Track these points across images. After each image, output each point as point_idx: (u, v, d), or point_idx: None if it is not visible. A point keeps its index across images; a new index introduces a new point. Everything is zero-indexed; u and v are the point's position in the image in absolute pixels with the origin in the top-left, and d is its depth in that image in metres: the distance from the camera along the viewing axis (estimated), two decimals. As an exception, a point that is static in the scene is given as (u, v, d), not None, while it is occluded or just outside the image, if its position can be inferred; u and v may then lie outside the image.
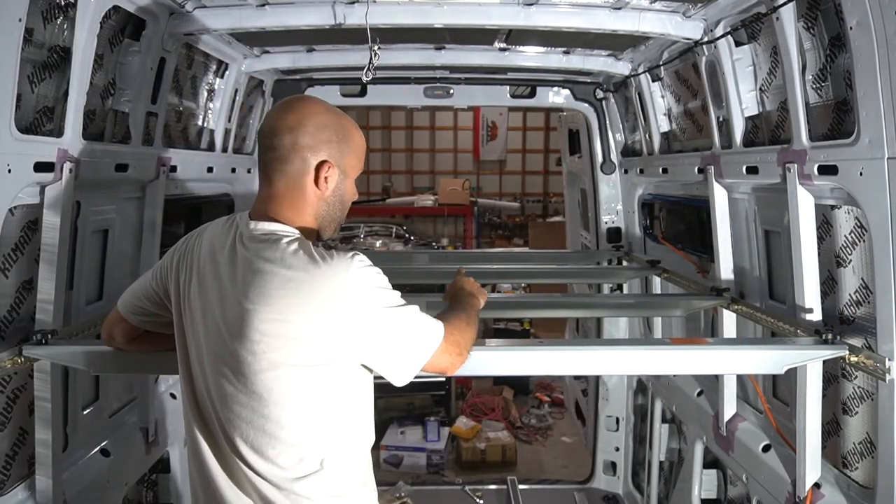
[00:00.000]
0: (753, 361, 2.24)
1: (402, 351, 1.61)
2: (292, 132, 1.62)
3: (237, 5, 2.70)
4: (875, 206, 1.89)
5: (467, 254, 8.85)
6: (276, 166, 1.64)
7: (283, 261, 1.54)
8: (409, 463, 6.67)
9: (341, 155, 1.68)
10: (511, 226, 16.12)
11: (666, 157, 3.59)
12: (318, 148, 1.64)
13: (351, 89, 4.32)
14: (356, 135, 1.73)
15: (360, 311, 1.53)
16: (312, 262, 1.53)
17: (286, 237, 1.60)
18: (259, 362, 1.52)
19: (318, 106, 1.70)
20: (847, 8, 1.88)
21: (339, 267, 1.53)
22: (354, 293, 1.52)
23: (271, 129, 1.65)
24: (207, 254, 1.66)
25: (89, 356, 2.14)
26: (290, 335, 1.51)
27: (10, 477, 2.18)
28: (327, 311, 1.50)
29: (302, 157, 1.63)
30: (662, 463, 3.94)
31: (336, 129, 1.67)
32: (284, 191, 1.65)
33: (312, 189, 1.66)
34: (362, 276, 1.54)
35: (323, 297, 1.50)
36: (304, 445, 1.56)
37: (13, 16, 1.81)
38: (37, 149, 2.03)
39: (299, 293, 1.51)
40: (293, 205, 1.65)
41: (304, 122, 1.63)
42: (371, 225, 12.98)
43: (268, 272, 1.53)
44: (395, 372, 1.61)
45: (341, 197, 1.72)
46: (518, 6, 2.72)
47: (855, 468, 2.22)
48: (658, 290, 3.81)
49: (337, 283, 1.51)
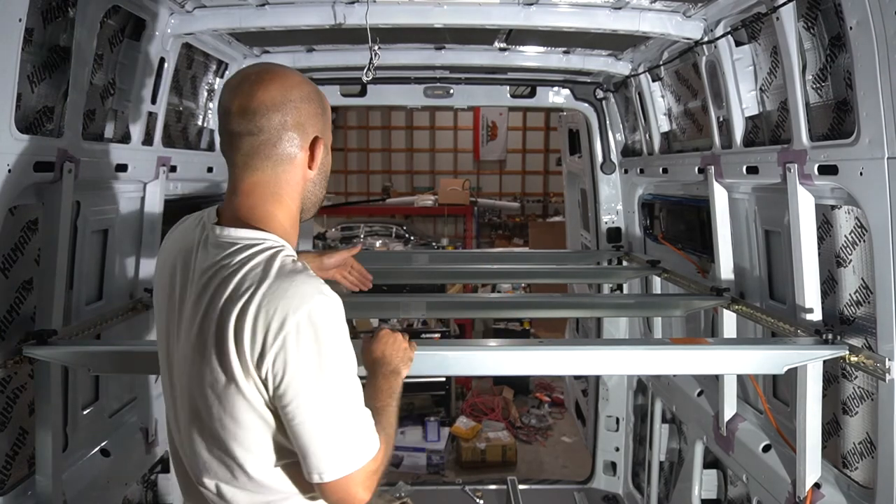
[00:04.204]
0: (753, 361, 2.24)
1: (312, 438, 1.33)
2: (279, 109, 1.41)
3: (237, 5, 2.70)
4: (875, 206, 1.89)
5: (467, 254, 8.84)
6: (263, 151, 1.43)
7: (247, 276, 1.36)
8: (409, 463, 6.67)
9: (325, 126, 1.52)
10: (511, 226, 16.14)
11: (666, 157, 3.59)
12: (308, 124, 1.46)
13: (351, 89, 4.32)
14: (327, 101, 1.54)
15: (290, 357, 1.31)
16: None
17: (261, 246, 1.41)
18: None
19: (296, 75, 1.49)
20: (847, 8, 1.88)
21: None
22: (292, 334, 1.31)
23: (246, 108, 1.41)
24: (172, 262, 1.53)
25: (89, 356, 2.15)
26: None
27: (10, 477, 2.18)
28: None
29: (291, 136, 1.44)
30: (662, 463, 3.94)
31: (318, 99, 1.50)
32: (271, 178, 1.45)
33: (304, 171, 1.49)
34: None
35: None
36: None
37: (13, 16, 1.81)
38: (37, 149, 2.03)
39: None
40: (277, 195, 1.47)
41: (290, 95, 1.43)
42: (371, 225, 13.01)
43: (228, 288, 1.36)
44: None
45: (326, 172, 1.56)
46: (518, 6, 2.72)
47: (855, 468, 2.22)
48: (658, 290, 3.81)
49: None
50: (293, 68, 1.59)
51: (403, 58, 3.58)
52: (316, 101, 1.49)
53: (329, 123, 1.55)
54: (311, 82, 1.52)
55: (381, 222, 13.31)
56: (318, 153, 1.49)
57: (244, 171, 1.46)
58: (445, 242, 13.25)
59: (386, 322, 8.01)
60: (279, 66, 1.49)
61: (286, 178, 1.47)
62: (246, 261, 1.38)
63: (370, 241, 12.43)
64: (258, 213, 1.46)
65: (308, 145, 1.48)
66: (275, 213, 1.47)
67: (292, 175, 1.48)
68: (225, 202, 1.51)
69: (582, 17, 2.76)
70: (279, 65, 1.50)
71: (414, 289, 4.93)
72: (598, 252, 4.51)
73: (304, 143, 1.47)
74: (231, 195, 1.49)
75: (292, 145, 1.45)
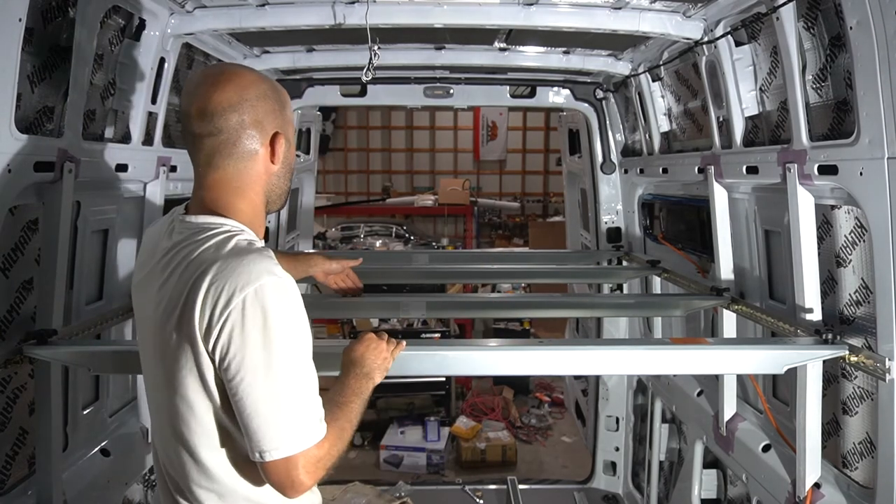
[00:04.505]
0: (753, 361, 2.24)
1: (253, 415, 1.36)
2: (236, 109, 1.46)
3: (237, 5, 2.70)
4: (875, 206, 1.89)
5: (467, 254, 8.84)
6: (224, 150, 1.48)
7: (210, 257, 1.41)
8: (409, 463, 6.67)
9: (284, 122, 1.56)
10: (511, 226, 16.14)
11: (666, 157, 3.59)
12: (267, 121, 1.51)
13: (351, 89, 4.32)
14: (286, 95, 1.59)
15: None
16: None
17: (216, 228, 1.47)
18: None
19: (251, 73, 1.54)
20: (847, 8, 1.88)
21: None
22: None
23: (204, 111, 1.46)
24: (143, 255, 1.61)
25: (89, 356, 2.15)
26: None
27: (9, 477, 2.18)
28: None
29: (251, 134, 1.49)
30: (662, 463, 3.94)
31: (274, 95, 1.54)
32: (234, 174, 1.50)
33: (266, 166, 1.53)
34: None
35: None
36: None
37: (13, 16, 1.81)
38: (37, 149, 2.03)
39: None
40: (240, 188, 1.52)
41: (246, 94, 1.48)
42: (371, 225, 13.01)
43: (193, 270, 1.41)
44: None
45: (289, 165, 1.60)
46: (518, 6, 2.72)
47: (855, 468, 2.22)
48: (658, 290, 3.81)
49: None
50: (249, 66, 1.63)
51: (403, 58, 3.58)
52: (273, 98, 1.53)
53: (289, 117, 1.59)
54: (268, 79, 1.57)
55: (381, 222, 13.32)
56: (279, 148, 1.53)
57: (207, 169, 1.52)
58: (445, 242, 13.26)
59: (386, 322, 8.01)
60: (234, 66, 1.57)
61: (248, 174, 1.52)
62: (203, 241, 1.44)
63: (370, 241, 12.44)
64: (221, 203, 1.52)
65: (268, 141, 1.53)
66: (237, 204, 1.52)
67: (254, 170, 1.53)
68: (192, 197, 1.57)
69: (582, 17, 2.76)
70: (234, 64, 1.57)
71: (414, 289, 4.93)
72: (598, 252, 4.51)
73: (263, 139, 1.52)
74: (196, 190, 1.55)
75: (252, 143, 1.50)
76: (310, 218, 5.72)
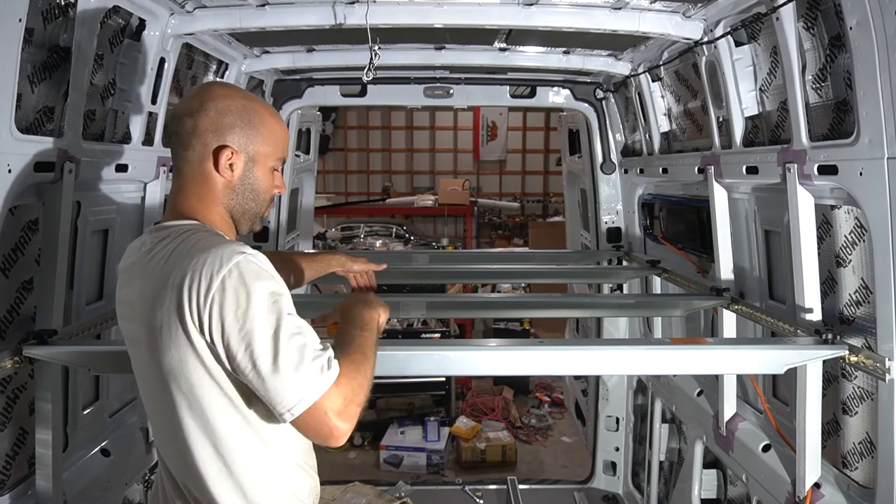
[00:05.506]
0: (753, 361, 2.24)
1: (266, 381, 1.40)
2: (192, 116, 1.57)
3: (237, 5, 2.70)
4: (875, 206, 1.89)
5: (467, 254, 8.83)
6: (179, 152, 1.60)
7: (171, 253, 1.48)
8: (409, 463, 6.67)
9: (248, 141, 1.60)
10: (511, 226, 16.15)
11: (666, 157, 3.59)
12: (220, 132, 1.57)
13: (351, 89, 4.32)
14: (269, 120, 1.64)
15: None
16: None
17: (183, 228, 1.54)
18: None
19: (226, 90, 1.63)
20: (847, 8, 1.88)
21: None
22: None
23: (174, 115, 1.61)
24: (123, 278, 1.65)
25: (89, 356, 2.15)
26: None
27: (9, 477, 2.18)
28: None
29: (202, 141, 1.57)
30: (662, 463, 3.94)
31: (241, 113, 1.59)
32: (190, 178, 1.60)
33: (215, 176, 1.59)
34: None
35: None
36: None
37: (13, 16, 1.81)
38: (37, 149, 2.03)
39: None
40: (199, 195, 1.60)
41: (206, 105, 1.57)
42: (371, 225, 13.01)
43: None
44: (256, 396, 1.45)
45: (252, 186, 1.63)
46: (518, 6, 2.72)
47: (855, 468, 2.22)
48: (658, 290, 3.81)
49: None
50: (243, 89, 1.70)
51: (403, 58, 3.58)
52: (238, 115, 1.59)
53: (259, 141, 1.62)
54: (253, 100, 1.63)
55: (381, 222, 13.31)
56: (224, 160, 1.57)
57: (175, 173, 1.64)
58: (445, 242, 13.24)
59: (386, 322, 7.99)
60: (218, 83, 1.67)
61: (201, 181, 1.60)
62: (173, 241, 1.51)
63: (370, 241, 12.43)
64: (185, 207, 1.61)
65: (213, 151, 1.58)
66: (200, 209, 1.60)
67: (204, 179, 1.60)
68: (167, 204, 1.68)
69: (582, 17, 2.76)
70: (222, 82, 1.68)
71: (414, 289, 4.94)
72: (598, 252, 4.51)
73: (210, 148, 1.58)
74: (169, 195, 1.68)
75: (202, 149, 1.58)
76: (310, 218, 5.72)
